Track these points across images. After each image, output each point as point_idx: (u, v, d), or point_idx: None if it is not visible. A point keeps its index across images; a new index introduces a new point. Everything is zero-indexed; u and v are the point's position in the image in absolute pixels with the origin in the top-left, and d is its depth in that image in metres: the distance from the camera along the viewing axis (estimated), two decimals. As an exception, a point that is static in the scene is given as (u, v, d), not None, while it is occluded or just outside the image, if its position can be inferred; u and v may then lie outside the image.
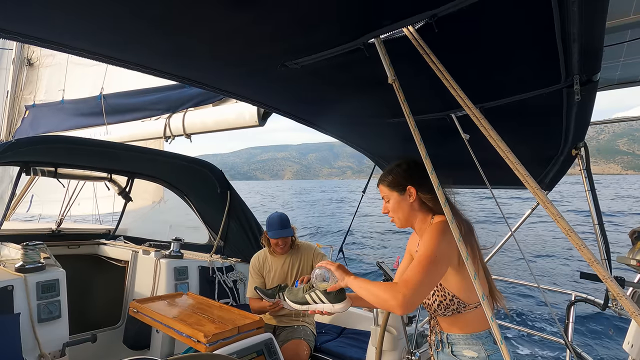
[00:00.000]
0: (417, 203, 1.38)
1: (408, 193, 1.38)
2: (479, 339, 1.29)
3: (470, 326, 1.30)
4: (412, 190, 1.37)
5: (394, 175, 1.43)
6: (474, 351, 1.28)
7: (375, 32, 1.02)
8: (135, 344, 3.03)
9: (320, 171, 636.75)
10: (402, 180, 1.40)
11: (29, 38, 1.09)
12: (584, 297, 2.25)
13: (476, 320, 1.30)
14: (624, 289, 1.68)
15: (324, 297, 1.44)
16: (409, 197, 1.38)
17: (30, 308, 2.18)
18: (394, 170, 1.44)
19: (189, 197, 3.94)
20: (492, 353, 1.27)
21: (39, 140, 3.13)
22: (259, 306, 2.55)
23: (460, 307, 1.29)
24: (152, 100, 3.99)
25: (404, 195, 1.39)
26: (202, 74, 1.48)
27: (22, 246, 2.37)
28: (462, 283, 1.27)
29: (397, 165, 1.45)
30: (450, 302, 1.29)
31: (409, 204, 1.39)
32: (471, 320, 1.30)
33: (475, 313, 1.30)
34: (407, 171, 1.41)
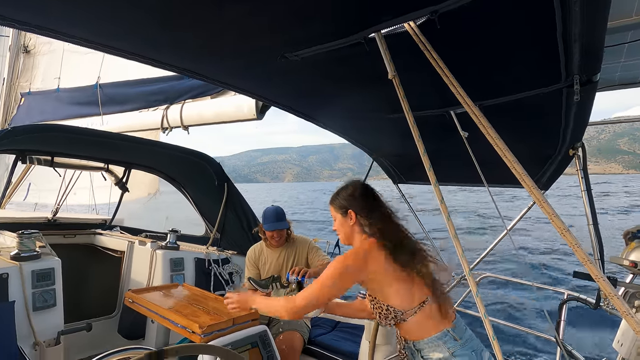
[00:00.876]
0: (356, 226, 1.51)
1: (349, 216, 1.51)
2: (440, 339, 1.36)
3: (427, 330, 1.38)
4: (352, 214, 1.50)
5: (339, 197, 1.56)
6: (439, 352, 1.36)
7: (376, 27, 1.02)
8: (130, 334, 3.04)
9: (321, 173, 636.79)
10: (345, 203, 1.53)
11: (26, 25, 1.07)
12: (577, 295, 2.27)
13: (429, 323, 1.38)
14: (616, 289, 1.70)
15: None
16: (350, 220, 1.51)
17: (25, 296, 2.18)
18: (340, 192, 1.58)
19: (186, 189, 3.93)
20: (455, 350, 1.34)
21: (35, 128, 3.10)
22: None
23: (398, 314, 1.39)
24: (149, 90, 3.96)
25: (346, 217, 1.52)
26: (201, 65, 1.47)
27: (18, 234, 2.36)
28: (391, 294, 1.39)
29: (343, 188, 1.58)
30: (387, 311, 1.41)
31: (350, 226, 1.52)
32: (424, 324, 1.39)
33: (421, 317, 1.38)
34: (350, 195, 1.53)
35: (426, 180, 1.03)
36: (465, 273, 0.96)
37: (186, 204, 4.00)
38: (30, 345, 2.15)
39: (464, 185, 2.90)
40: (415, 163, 1.27)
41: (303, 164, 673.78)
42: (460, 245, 0.96)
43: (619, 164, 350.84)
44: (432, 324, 1.37)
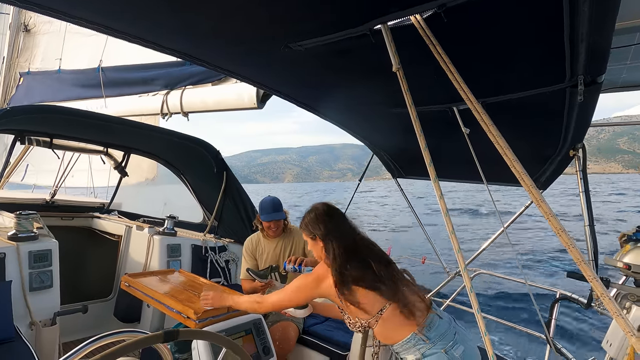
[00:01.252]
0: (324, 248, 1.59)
1: (317, 240, 1.61)
2: (409, 342, 1.42)
3: (397, 334, 1.44)
4: (317, 239, 1.61)
5: (305, 222, 1.66)
6: (412, 354, 1.42)
7: (382, 18, 1.01)
8: (126, 317, 3.07)
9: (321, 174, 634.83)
10: (310, 228, 1.63)
11: (26, 3, 1.06)
12: (569, 295, 2.30)
13: (396, 328, 1.44)
14: (609, 290, 1.72)
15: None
16: (317, 243, 1.61)
17: (22, 276, 2.19)
18: (305, 217, 1.67)
19: (185, 176, 3.93)
20: (425, 350, 1.40)
21: (35, 109, 3.08)
22: (250, 287, 2.59)
23: (363, 323, 1.49)
24: (150, 75, 3.92)
25: (315, 241, 1.63)
26: (204, 51, 1.45)
27: (16, 215, 2.36)
28: (353, 308, 1.48)
29: (308, 212, 1.68)
30: (354, 321, 1.52)
31: (319, 247, 1.61)
32: (392, 329, 1.45)
33: (387, 323, 1.44)
34: (313, 220, 1.63)
35: (426, 176, 1.03)
36: (460, 269, 0.97)
37: (184, 191, 4.00)
38: (27, 324, 2.17)
39: (463, 182, 2.90)
40: (415, 158, 1.26)
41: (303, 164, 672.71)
42: (457, 241, 0.96)
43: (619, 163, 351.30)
44: (399, 329, 1.43)
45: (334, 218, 1.63)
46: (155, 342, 0.93)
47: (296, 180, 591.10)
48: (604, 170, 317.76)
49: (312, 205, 1.71)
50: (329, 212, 1.65)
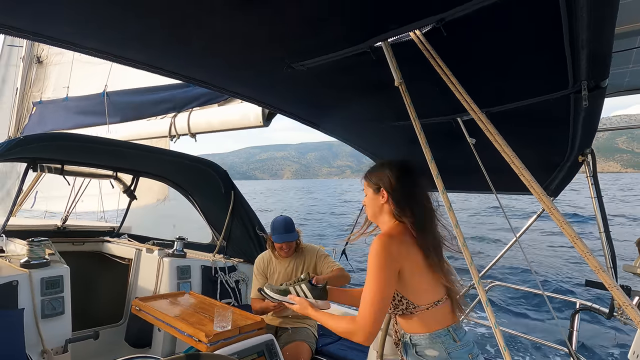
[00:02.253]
0: (387, 206, 1.42)
1: (381, 194, 1.43)
2: (439, 337, 1.32)
3: (428, 326, 1.34)
4: (384, 193, 1.42)
5: (376, 173, 1.47)
6: (436, 350, 1.31)
7: (382, 36, 1.02)
8: (137, 342, 3.04)
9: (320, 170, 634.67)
10: (380, 180, 1.44)
11: (39, 36, 1.10)
12: (589, 305, 2.22)
13: (434, 320, 1.34)
14: (630, 298, 1.66)
15: (308, 292, 1.55)
16: (381, 198, 1.43)
17: (34, 304, 2.20)
18: (377, 168, 1.49)
19: (193, 197, 3.96)
20: (453, 351, 1.30)
21: (46, 137, 3.15)
22: (261, 306, 2.55)
23: (410, 307, 1.33)
24: (157, 99, 4.01)
25: (378, 194, 1.44)
26: (208, 74, 1.49)
27: (28, 242, 2.39)
28: (412, 285, 1.32)
29: (382, 164, 1.49)
30: (399, 302, 1.35)
31: (380, 204, 1.43)
32: (428, 320, 1.34)
33: (430, 313, 1.33)
34: (387, 173, 1.44)
35: (434, 188, 1.02)
36: (474, 282, 0.95)
37: (194, 212, 4.03)
38: (38, 353, 2.16)
39: (472, 193, 2.87)
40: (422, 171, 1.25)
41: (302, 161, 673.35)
42: (469, 253, 0.94)
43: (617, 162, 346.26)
44: (435, 321, 1.33)
45: (412, 178, 1.42)
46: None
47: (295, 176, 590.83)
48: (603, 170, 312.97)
49: (387, 159, 1.51)
50: (409, 170, 1.44)
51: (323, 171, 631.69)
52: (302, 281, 1.58)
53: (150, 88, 4.14)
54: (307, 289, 1.56)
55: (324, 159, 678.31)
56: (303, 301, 1.53)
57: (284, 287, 1.62)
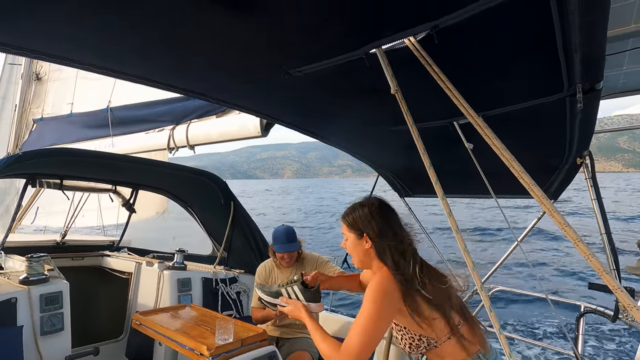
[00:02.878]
0: (372, 251, 1.36)
1: (365, 239, 1.37)
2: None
3: (458, 354, 1.30)
4: (367, 239, 1.36)
5: (354, 216, 1.41)
6: None
7: (376, 42, 1.03)
8: (138, 357, 3.00)
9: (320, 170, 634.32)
10: (360, 224, 1.38)
11: (38, 54, 1.11)
12: (594, 308, 2.20)
13: (459, 349, 1.29)
14: (635, 300, 1.64)
15: (300, 294, 1.49)
16: (365, 243, 1.37)
17: (33, 321, 2.17)
18: (355, 210, 1.42)
19: (193, 209, 3.95)
20: None
21: (45, 152, 3.16)
22: (262, 315, 2.53)
23: (431, 342, 1.29)
24: (157, 112, 4.04)
25: (361, 240, 1.38)
26: (205, 85, 1.50)
27: (27, 258, 2.37)
28: (423, 322, 1.27)
29: (360, 205, 1.43)
30: (419, 341, 1.31)
31: (365, 249, 1.38)
32: (453, 349, 1.30)
33: (453, 342, 1.29)
34: (367, 216, 1.38)
35: (433, 193, 1.02)
36: (477, 287, 0.94)
37: (193, 223, 4.01)
38: None
39: (471, 197, 2.87)
40: (421, 176, 1.25)
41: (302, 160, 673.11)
42: (470, 259, 0.94)
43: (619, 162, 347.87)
44: (462, 348, 1.29)
45: (393, 219, 1.40)
46: None
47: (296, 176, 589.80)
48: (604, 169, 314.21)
49: (365, 198, 1.47)
50: (388, 210, 1.42)
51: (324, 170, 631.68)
52: (295, 283, 1.53)
53: (149, 102, 4.17)
54: (300, 291, 1.50)
55: (324, 158, 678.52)
56: (296, 304, 1.48)
57: (275, 289, 1.57)
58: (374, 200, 1.44)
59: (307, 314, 1.42)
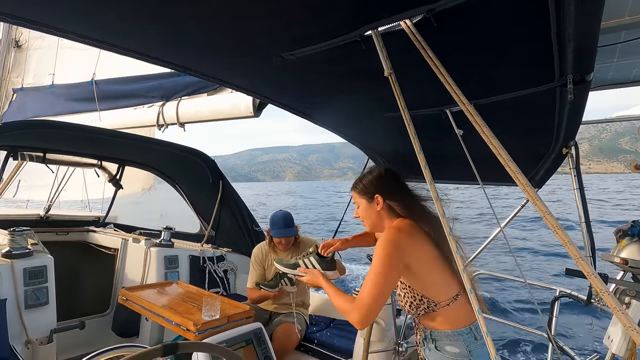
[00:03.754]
0: (384, 210, 1.46)
1: (376, 201, 1.46)
2: (461, 335, 1.34)
3: (450, 323, 1.35)
4: (379, 198, 1.45)
5: (364, 182, 1.51)
6: (456, 347, 1.33)
7: (372, 25, 1.02)
8: (124, 332, 3.03)
9: (321, 172, 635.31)
10: (371, 188, 1.48)
11: (17, 19, 1.06)
12: (568, 292, 2.30)
13: (455, 317, 1.35)
14: (607, 285, 1.72)
15: (316, 263, 1.63)
16: (377, 205, 1.46)
17: (17, 294, 2.16)
18: (364, 177, 1.53)
19: (180, 186, 3.91)
20: (474, 349, 1.32)
21: (27, 124, 3.06)
22: (258, 295, 2.57)
23: (431, 305, 1.35)
24: (145, 87, 3.92)
25: (372, 202, 1.47)
26: (197, 62, 1.46)
27: (9, 232, 2.33)
28: (426, 279, 1.34)
29: (368, 172, 1.54)
30: (420, 301, 1.37)
31: (377, 211, 1.46)
32: (450, 316, 1.35)
33: (451, 309, 1.35)
34: (376, 179, 1.49)
35: (422, 178, 1.04)
36: (459, 270, 0.97)
37: (181, 201, 3.98)
38: (22, 343, 2.14)
39: (459, 183, 2.92)
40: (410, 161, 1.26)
41: (303, 163, 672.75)
42: (455, 242, 0.96)
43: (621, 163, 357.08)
44: (457, 317, 1.35)
45: (401, 181, 1.51)
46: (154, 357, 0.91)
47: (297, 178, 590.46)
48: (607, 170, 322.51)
49: (372, 167, 1.59)
50: (396, 173, 1.53)
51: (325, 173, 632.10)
52: (311, 254, 1.67)
53: (138, 77, 4.04)
54: (316, 261, 1.63)
55: (325, 161, 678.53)
56: (314, 272, 1.58)
57: (293, 261, 1.69)
58: (381, 167, 1.56)
59: (324, 280, 1.53)
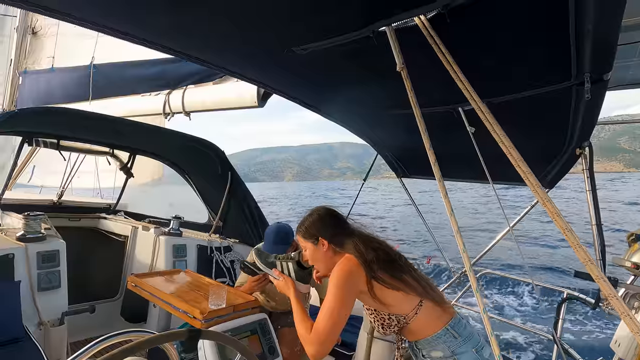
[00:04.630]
0: (331, 251, 1.47)
1: (321, 243, 1.47)
2: (439, 338, 1.36)
3: (426, 329, 1.38)
4: (323, 241, 1.46)
5: (306, 225, 1.51)
6: (440, 350, 1.35)
7: (387, 20, 1.01)
8: (133, 317, 3.09)
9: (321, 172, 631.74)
10: (313, 231, 1.49)
11: (33, 5, 1.07)
12: (576, 295, 2.28)
13: (428, 323, 1.38)
14: (617, 290, 1.70)
15: (292, 272, 1.57)
16: (322, 247, 1.47)
17: (30, 277, 2.22)
18: (306, 221, 1.53)
19: (190, 176, 3.95)
20: (456, 347, 1.34)
21: (42, 111, 3.11)
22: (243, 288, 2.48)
23: (401, 320, 1.38)
24: (149, 74, 3.93)
25: (318, 245, 1.48)
26: (206, 51, 1.46)
27: (24, 216, 2.39)
28: (392, 300, 1.36)
29: (308, 215, 1.54)
30: (390, 320, 1.40)
31: (323, 253, 1.47)
32: (424, 324, 1.38)
33: (422, 317, 1.37)
34: (317, 222, 1.50)
35: (430, 175, 1.03)
36: (466, 269, 0.97)
37: (190, 191, 4.03)
38: (35, 324, 2.20)
39: (468, 182, 2.89)
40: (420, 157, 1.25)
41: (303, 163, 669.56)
42: (462, 241, 0.96)
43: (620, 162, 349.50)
44: (431, 323, 1.37)
45: (339, 218, 1.54)
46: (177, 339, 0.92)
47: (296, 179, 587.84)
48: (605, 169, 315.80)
49: (312, 209, 1.59)
50: (334, 212, 1.55)
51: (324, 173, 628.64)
52: (291, 260, 1.60)
53: (141, 62, 4.04)
54: (293, 269, 1.57)
55: (325, 161, 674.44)
56: (287, 279, 1.58)
57: (271, 260, 1.64)
58: (320, 208, 1.57)
59: (293, 292, 1.52)
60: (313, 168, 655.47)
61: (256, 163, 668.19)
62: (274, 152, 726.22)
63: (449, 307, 1.42)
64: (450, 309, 1.42)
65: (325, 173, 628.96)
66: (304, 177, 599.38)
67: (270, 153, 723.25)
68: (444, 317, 1.38)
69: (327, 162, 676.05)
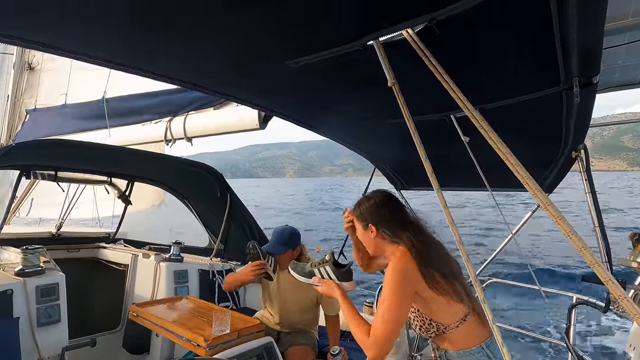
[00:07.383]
0: (379, 238, 1.44)
1: (370, 229, 1.44)
2: (472, 354, 1.34)
3: (461, 343, 1.35)
4: (372, 228, 1.43)
5: (361, 209, 1.50)
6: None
7: (374, 34, 1.03)
8: (135, 348, 3.01)
9: (322, 169, 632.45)
10: (366, 215, 1.46)
11: (31, 43, 1.09)
12: (586, 299, 2.24)
13: (466, 337, 1.35)
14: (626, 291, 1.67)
15: (332, 274, 1.53)
16: (371, 234, 1.45)
17: (29, 312, 2.17)
18: (362, 203, 1.51)
19: (189, 201, 3.94)
20: None
21: (38, 144, 3.12)
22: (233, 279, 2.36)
23: (440, 328, 1.35)
24: (153, 103, 3.99)
25: (367, 230, 1.46)
26: (203, 77, 1.48)
27: (22, 250, 2.36)
28: (435, 305, 1.33)
29: (366, 198, 1.52)
30: (429, 325, 1.37)
31: (372, 238, 1.45)
32: (461, 337, 1.35)
33: (462, 330, 1.34)
34: (372, 207, 1.47)
35: (429, 186, 1.03)
36: (471, 279, 0.95)
37: (190, 216, 4.01)
38: None
39: (467, 190, 2.89)
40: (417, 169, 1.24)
41: (304, 159, 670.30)
42: (465, 250, 0.95)
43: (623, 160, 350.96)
44: (469, 337, 1.34)
45: (396, 207, 1.47)
46: None
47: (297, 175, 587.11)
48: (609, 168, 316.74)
49: (372, 192, 1.55)
50: (391, 200, 1.49)
51: (325, 169, 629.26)
52: (327, 263, 1.57)
53: (146, 94, 4.11)
54: (332, 271, 1.54)
55: (326, 157, 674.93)
56: (329, 283, 1.52)
57: (309, 269, 1.61)
58: (379, 193, 1.52)
59: (340, 293, 1.46)
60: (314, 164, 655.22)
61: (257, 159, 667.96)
62: (275, 148, 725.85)
63: (487, 325, 1.37)
64: (488, 327, 1.37)
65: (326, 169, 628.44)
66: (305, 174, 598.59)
67: (271, 149, 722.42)
68: (482, 334, 1.35)
69: (328, 159, 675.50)
